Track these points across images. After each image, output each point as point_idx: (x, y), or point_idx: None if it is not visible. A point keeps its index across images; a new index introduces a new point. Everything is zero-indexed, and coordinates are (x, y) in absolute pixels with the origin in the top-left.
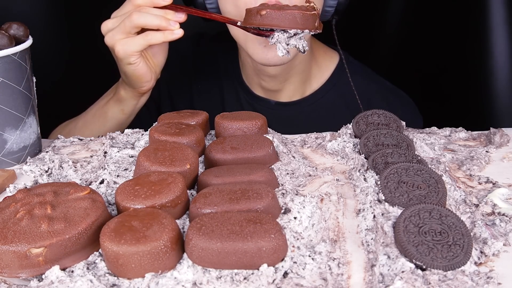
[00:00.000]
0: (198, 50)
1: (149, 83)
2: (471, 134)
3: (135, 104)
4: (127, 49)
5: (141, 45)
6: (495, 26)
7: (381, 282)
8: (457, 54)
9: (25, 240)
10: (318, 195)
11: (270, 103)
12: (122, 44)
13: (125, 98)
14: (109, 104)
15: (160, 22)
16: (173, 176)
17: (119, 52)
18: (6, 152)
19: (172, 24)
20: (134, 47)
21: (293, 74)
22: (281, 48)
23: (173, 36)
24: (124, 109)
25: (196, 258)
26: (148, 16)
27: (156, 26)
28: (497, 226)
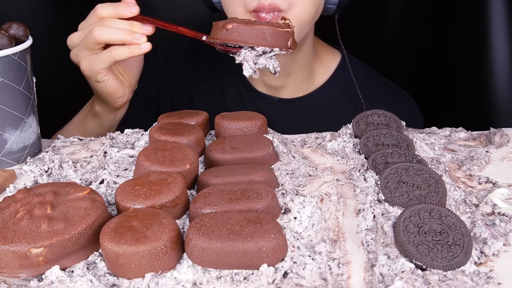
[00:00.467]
0: (197, 49)
1: (122, 98)
2: (471, 134)
3: (113, 119)
4: (93, 67)
5: (107, 62)
6: (495, 26)
7: (381, 282)
8: (457, 54)
9: (25, 240)
10: (318, 195)
11: (273, 99)
12: (87, 62)
13: (101, 113)
14: (87, 118)
15: (124, 36)
16: (173, 176)
17: (85, 71)
18: (6, 152)
19: (138, 37)
20: (99, 64)
21: (296, 70)
22: (247, 67)
23: (139, 51)
24: (102, 123)
25: (196, 258)
26: (110, 30)
27: (120, 41)
28: (497, 226)
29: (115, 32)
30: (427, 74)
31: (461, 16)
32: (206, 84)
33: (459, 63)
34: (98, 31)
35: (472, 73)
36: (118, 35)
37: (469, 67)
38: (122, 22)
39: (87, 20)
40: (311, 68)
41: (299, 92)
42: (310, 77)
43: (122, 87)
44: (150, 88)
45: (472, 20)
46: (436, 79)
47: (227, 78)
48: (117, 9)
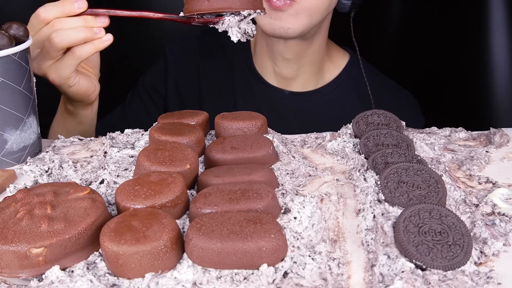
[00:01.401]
0: (205, 45)
1: (95, 92)
2: (471, 134)
3: (90, 113)
4: (62, 75)
5: (74, 65)
6: (495, 26)
7: (381, 282)
8: (457, 54)
9: (25, 240)
10: (318, 195)
11: (284, 92)
12: (54, 71)
13: (76, 111)
14: (64, 118)
15: (85, 35)
16: (173, 176)
17: (55, 80)
18: (6, 152)
19: (97, 31)
20: (68, 70)
21: (306, 63)
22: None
23: (103, 44)
24: (81, 121)
25: (196, 258)
26: (69, 33)
27: (82, 41)
28: (497, 226)
29: (74, 33)
30: (427, 74)
31: (461, 16)
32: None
33: (459, 63)
34: (58, 38)
35: (472, 73)
36: (79, 35)
37: (469, 67)
38: (75, 20)
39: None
40: (321, 63)
41: (308, 87)
42: (320, 73)
43: (92, 82)
44: (159, 85)
45: (472, 20)
46: (436, 79)
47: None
48: (64, 7)
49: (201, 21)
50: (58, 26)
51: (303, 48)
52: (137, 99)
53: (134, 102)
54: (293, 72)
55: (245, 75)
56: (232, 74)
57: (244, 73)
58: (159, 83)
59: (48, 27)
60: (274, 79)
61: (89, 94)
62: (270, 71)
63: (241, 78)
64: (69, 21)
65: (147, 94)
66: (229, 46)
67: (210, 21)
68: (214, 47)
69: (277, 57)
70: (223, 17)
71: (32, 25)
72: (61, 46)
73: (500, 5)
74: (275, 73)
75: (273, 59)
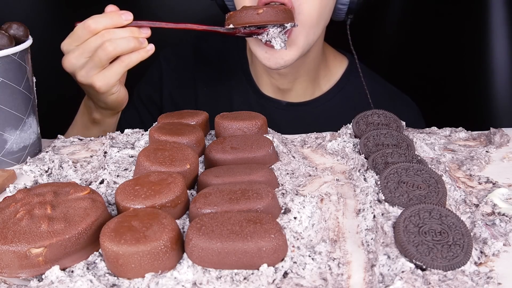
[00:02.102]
0: (199, 52)
1: (127, 100)
2: (471, 134)
3: (115, 122)
4: (109, 82)
5: (121, 73)
6: (495, 26)
7: (381, 282)
8: (457, 54)
9: (25, 240)
10: (318, 195)
11: (281, 103)
12: (101, 78)
13: (103, 120)
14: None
15: (134, 44)
16: (173, 176)
17: (101, 88)
18: (6, 152)
19: (143, 41)
20: (115, 77)
21: (303, 73)
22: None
23: (147, 54)
24: (105, 129)
25: (196, 258)
26: (121, 42)
27: (131, 50)
28: (497, 226)
29: (125, 42)
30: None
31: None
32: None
33: (459, 63)
34: (111, 47)
35: (472, 74)
36: (130, 44)
37: (469, 68)
38: (123, 31)
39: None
40: (317, 72)
41: (305, 97)
42: (316, 82)
43: (126, 90)
44: (153, 93)
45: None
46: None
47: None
48: (112, 19)
49: (246, 32)
50: (108, 37)
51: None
52: (133, 112)
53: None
54: (289, 84)
55: (241, 84)
56: (228, 83)
57: (241, 83)
58: (154, 92)
59: (97, 37)
60: (270, 90)
61: (124, 102)
62: (266, 82)
63: (237, 87)
64: (118, 32)
65: (143, 106)
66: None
67: (255, 32)
68: (210, 53)
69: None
70: (267, 28)
71: (78, 35)
72: (114, 54)
73: (500, 6)
74: (271, 84)
75: (269, 72)
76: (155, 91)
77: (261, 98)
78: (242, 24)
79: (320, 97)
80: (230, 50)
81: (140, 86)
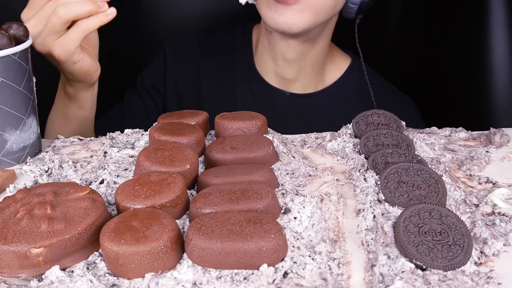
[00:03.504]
0: (204, 43)
1: (97, 71)
2: (471, 134)
3: (91, 96)
4: (68, 49)
5: (80, 39)
6: (495, 26)
7: (381, 282)
8: (457, 54)
9: (25, 240)
10: (318, 195)
11: (285, 94)
12: (59, 46)
13: (77, 94)
14: (65, 105)
15: (90, 8)
16: (173, 176)
17: (60, 56)
18: (6, 152)
19: (102, 4)
20: (74, 44)
21: (308, 64)
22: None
23: (108, 17)
24: (81, 105)
25: (196, 258)
26: (75, 6)
27: (88, 14)
28: (497, 226)
29: (80, 6)
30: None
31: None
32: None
33: (459, 63)
34: (63, 11)
35: (472, 73)
36: (84, 8)
37: (469, 68)
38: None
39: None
40: (323, 66)
41: (309, 89)
42: (321, 75)
43: (95, 61)
44: (158, 83)
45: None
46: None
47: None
48: None
49: None
50: (63, 0)
51: (305, 49)
52: (136, 98)
53: (133, 101)
54: (294, 74)
55: (245, 74)
56: (233, 73)
57: (245, 73)
58: (158, 81)
59: (52, 3)
60: (274, 80)
61: (91, 73)
62: (271, 71)
63: (242, 78)
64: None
65: (147, 93)
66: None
67: None
68: (214, 46)
69: (279, 57)
70: None
71: (34, 3)
72: (67, 18)
73: (500, 6)
74: (276, 73)
75: (275, 59)
76: (159, 79)
77: (265, 87)
78: None
79: (323, 90)
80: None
81: (143, 74)
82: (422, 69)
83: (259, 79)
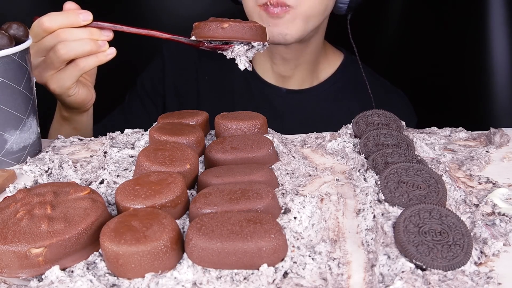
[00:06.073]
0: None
1: (91, 100)
2: (471, 134)
3: (86, 119)
4: (63, 85)
5: (76, 77)
6: (495, 26)
7: (381, 282)
8: (457, 54)
9: (25, 240)
10: (318, 195)
11: (282, 90)
12: (55, 81)
13: (71, 117)
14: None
15: (91, 47)
16: (173, 176)
17: (55, 90)
18: (6, 152)
19: (102, 44)
20: (70, 80)
21: (303, 62)
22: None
23: (106, 58)
24: (75, 127)
25: (196, 258)
26: (75, 45)
27: (88, 53)
28: (497, 226)
29: (80, 45)
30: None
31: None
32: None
33: (459, 63)
34: (64, 50)
35: (472, 73)
36: (85, 48)
37: (469, 67)
38: (80, 31)
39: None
40: (317, 63)
41: (304, 85)
42: (315, 72)
43: (90, 91)
44: (157, 85)
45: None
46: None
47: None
48: (68, 18)
49: (210, 46)
50: (63, 37)
51: (301, 49)
52: (136, 100)
53: (133, 103)
54: (290, 71)
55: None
56: (230, 73)
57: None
58: (158, 82)
59: (52, 37)
60: (271, 77)
61: (86, 103)
62: (268, 69)
63: (239, 77)
64: (75, 33)
65: (146, 95)
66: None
67: (219, 48)
68: None
69: (276, 56)
70: (233, 45)
71: (35, 33)
72: (67, 57)
73: (500, 6)
74: (272, 71)
75: (272, 59)
76: (158, 81)
77: (263, 84)
78: (205, 37)
79: (318, 85)
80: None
81: (143, 77)
82: (422, 70)
83: (256, 76)
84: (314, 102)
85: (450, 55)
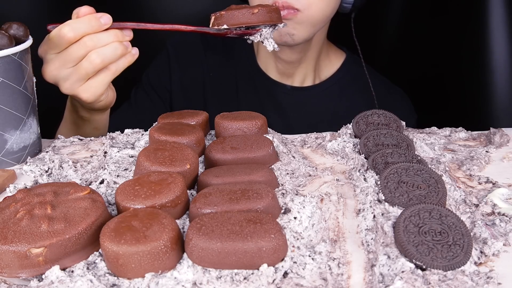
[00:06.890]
0: (207, 39)
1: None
2: (471, 134)
3: (106, 118)
4: (96, 92)
5: (108, 82)
6: (494, 26)
7: (381, 282)
8: (457, 54)
9: (25, 240)
10: (318, 195)
11: (286, 87)
12: (87, 90)
13: (92, 118)
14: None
15: (122, 51)
16: (173, 176)
17: (88, 99)
18: (6, 152)
19: (127, 45)
20: (103, 87)
21: (306, 60)
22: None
23: (133, 58)
24: (96, 126)
25: (196, 258)
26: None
27: (120, 57)
28: (497, 226)
29: (113, 51)
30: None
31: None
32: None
33: (459, 63)
34: (99, 59)
35: (472, 73)
36: (117, 52)
37: (469, 67)
38: (107, 35)
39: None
40: (319, 61)
41: (307, 82)
42: (318, 70)
43: (114, 90)
44: (163, 79)
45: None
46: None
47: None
48: (91, 24)
49: (238, 33)
50: (91, 45)
51: (304, 48)
52: (144, 95)
53: (140, 99)
54: (293, 69)
55: (247, 70)
56: (235, 69)
57: (247, 68)
58: (164, 78)
59: (79, 46)
60: (276, 74)
61: (112, 102)
62: (272, 67)
63: (244, 73)
64: (102, 38)
65: (153, 90)
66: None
67: (248, 33)
68: (217, 43)
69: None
70: (260, 29)
71: (55, 44)
72: (103, 66)
73: (500, 5)
74: (277, 68)
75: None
76: (164, 76)
77: (267, 81)
78: (237, 24)
79: (321, 83)
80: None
81: (149, 72)
82: (422, 69)
83: (261, 73)
84: (317, 99)
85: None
